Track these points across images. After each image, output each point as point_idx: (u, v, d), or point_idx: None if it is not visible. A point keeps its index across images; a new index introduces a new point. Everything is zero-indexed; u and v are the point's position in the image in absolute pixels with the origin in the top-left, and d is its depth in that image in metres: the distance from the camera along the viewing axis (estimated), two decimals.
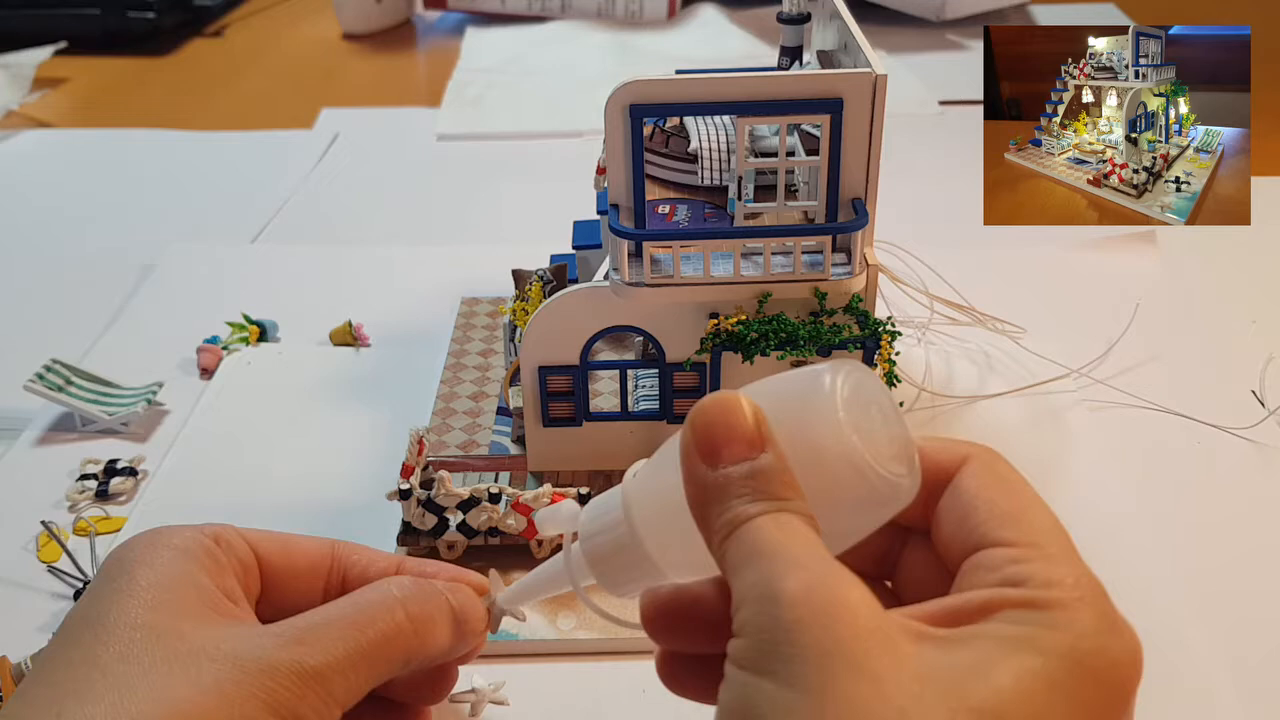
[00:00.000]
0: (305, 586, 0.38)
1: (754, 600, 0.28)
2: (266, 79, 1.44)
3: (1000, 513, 0.31)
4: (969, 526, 0.31)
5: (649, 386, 0.69)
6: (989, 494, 0.32)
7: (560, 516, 0.36)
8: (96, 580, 0.34)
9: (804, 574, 0.27)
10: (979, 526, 0.31)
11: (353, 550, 0.40)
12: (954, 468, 0.33)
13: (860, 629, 0.26)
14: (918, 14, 1.50)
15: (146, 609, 0.32)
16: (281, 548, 0.38)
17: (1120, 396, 0.76)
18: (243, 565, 0.36)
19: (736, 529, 0.29)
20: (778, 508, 0.29)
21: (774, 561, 0.28)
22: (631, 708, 0.56)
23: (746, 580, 0.28)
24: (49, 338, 0.85)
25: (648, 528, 0.33)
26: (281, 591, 0.38)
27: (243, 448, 0.74)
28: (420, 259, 0.96)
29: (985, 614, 0.28)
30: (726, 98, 0.58)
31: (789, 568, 0.27)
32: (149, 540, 0.35)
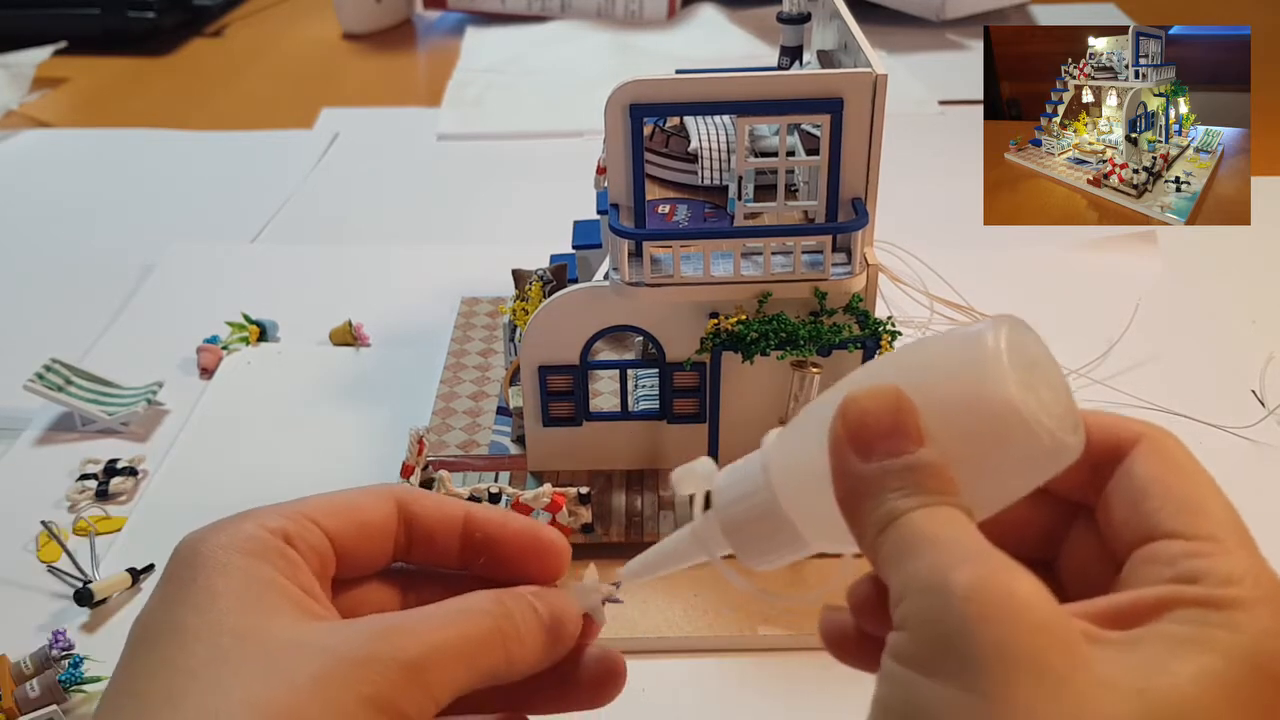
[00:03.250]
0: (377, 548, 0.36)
1: (919, 592, 0.26)
2: (266, 79, 1.44)
3: (1175, 501, 0.29)
4: (1141, 514, 0.30)
5: (649, 386, 0.69)
6: (1163, 479, 0.30)
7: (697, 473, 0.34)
8: (164, 585, 0.32)
9: (974, 565, 0.26)
10: (1152, 515, 0.29)
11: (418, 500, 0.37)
12: (1126, 446, 0.31)
13: (1039, 627, 0.25)
14: (918, 14, 1.50)
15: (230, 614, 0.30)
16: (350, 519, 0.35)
17: (1120, 396, 0.76)
18: (319, 555, 0.34)
19: (893, 522, 0.28)
20: (936, 501, 0.28)
21: (941, 551, 0.26)
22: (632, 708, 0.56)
23: (908, 571, 0.27)
24: (49, 338, 0.85)
25: (790, 495, 0.31)
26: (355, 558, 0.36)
27: (243, 448, 0.74)
28: (420, 259, 0.96)
29: (1159, 613, 0.27)
30: (726, 98, 0.58)
31: (958, 558, 0.26)
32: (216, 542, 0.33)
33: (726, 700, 0.56)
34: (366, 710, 0.29)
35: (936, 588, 0.26)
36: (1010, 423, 0.28)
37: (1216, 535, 0.29)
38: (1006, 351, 0.29)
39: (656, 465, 0.68)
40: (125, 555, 0.64)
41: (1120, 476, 0.31)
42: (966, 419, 0.29)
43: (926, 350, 0.31)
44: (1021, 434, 0.28)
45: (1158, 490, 0.30)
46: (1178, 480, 0.30)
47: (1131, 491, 0.30)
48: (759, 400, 0.65)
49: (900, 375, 0.30)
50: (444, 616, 0.33)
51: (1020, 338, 0.30)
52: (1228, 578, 0.27)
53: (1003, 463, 0.29)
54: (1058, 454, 0.29)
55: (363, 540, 0.36)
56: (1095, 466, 0.31)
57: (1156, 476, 0.30)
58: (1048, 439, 0.28)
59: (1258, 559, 0.28)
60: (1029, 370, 0.29)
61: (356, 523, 0.35)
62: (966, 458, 0.29)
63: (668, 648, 0.58)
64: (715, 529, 0.33)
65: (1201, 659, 0.26)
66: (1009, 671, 0.24)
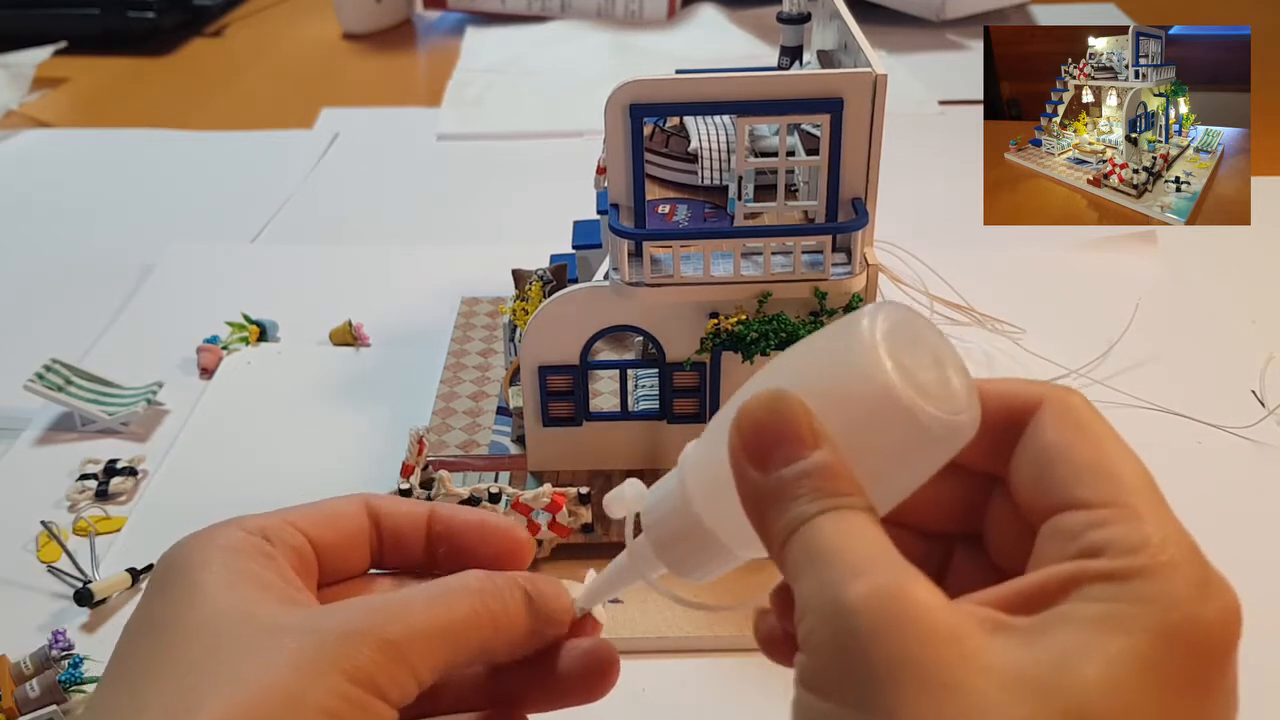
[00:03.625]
0: (355, 552, 0.37)
1: (816, 611, 0.26)
2: (266, 79, 1.44)
3: (1078, 467, 0.28)
4: (1045, 484, 0.29)
5: (649, 386, 0.69)
6: (1065, 444, 0.29)
7: (626, 498, 0.34)
8: (151, 588, 0.33)
9: (868, 578, 0.25)
10: (1055, 484, 0.28)
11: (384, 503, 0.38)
12: (1028, 412, 0.30)
13: (931, 634, 0.24)
14: (918, 14, 1.50)
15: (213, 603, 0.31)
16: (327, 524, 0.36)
17: (1120, 396, 0.76)
18: (298, 554, 0.35)
19: (794, 532, 0.27)
20: (835, 504, 0.27)
21: (835, 566, 0.26)
22: (632, 708, 0.56)
23: (808, 588, 0.26)
24: (49, 338, 0.85)
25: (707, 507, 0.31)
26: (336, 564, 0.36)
27: (243, 448, 0.74)
28: (420, 259, 0.96)
29: (1066, 592, 0.26)
30: (726, 98, 0.58)
31: (852, 573, 0.25)
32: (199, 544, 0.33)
33: (726, 700, 0.56)
34: (346, 686, 0.29)
35: (830, 607, 0.25)
36: (891, 410, 0.28)
37: (1120, 500, 0.27)
38: (882, 337, 0.28)
39: (656, 465, 0.68)
40: (125, 555, 0.65)
41: (1023, 445, 0.30)
42: (852, 412, 0.28)
43: (812, 345, 0.30)
44: (905, 421, 0.28)
45: (1059, 456, 0.29)
46: (1080, 443, 0.29)
47: (1035, 460, 0.29)
48: None
49: (793, 376, 0.30)
50: (427, 595, 0.33)
51: (899, 319, 0.29)
52: (1133, 546, 0.26)
53: (894, 452, 0.28)
54: (949, 436, 0.28)
55: (341, 544, 0.36)
56: (997, 437, 0.30)
57: (1058, 442, 0.29)
58: (932, 423, 0.28)
59: (1167, 520, 0.27)
60: (911, 352, 0.29)
61: (334, 528, 0.36)
62: (860, 451, 0.28)
63: (668, 648, 0.58)
64: (648, 549, 0.33)
65: (1110, 639, 0.25)
66: (903, 687, 0.24)
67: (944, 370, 0.29)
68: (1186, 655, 0.25)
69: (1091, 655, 0.24)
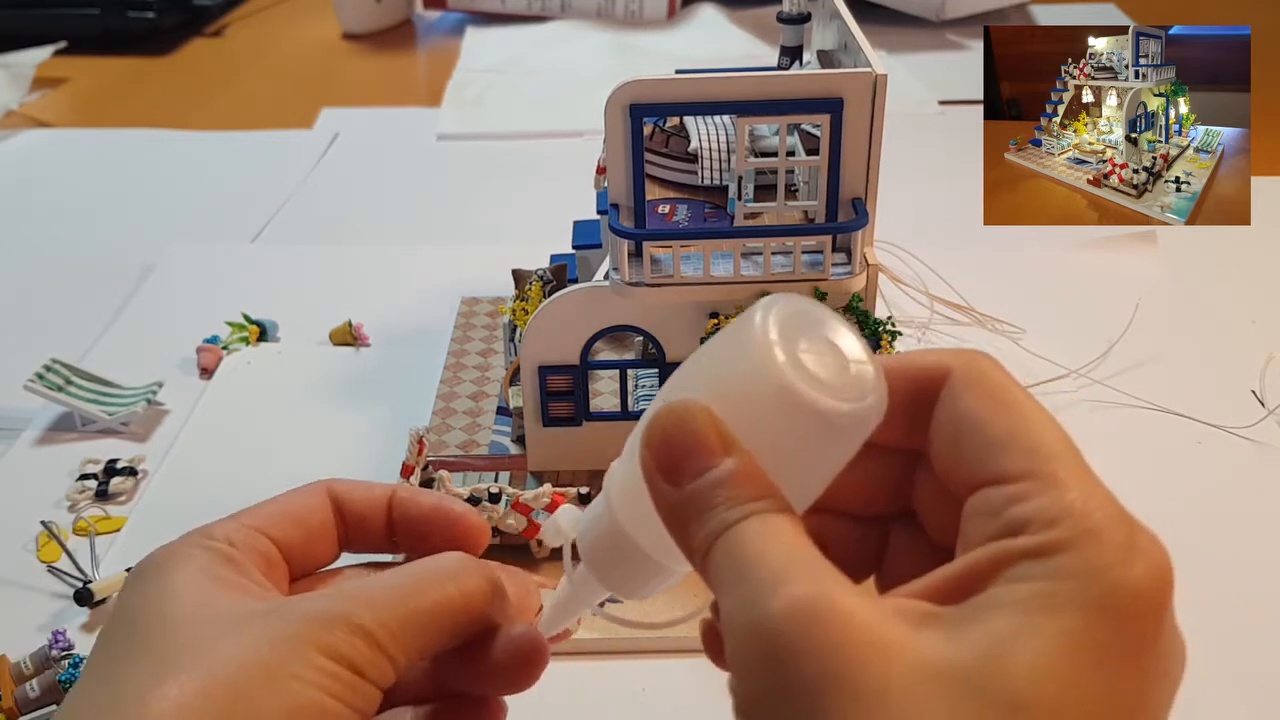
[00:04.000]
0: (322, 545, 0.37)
1: (738, 632, 0.25)
2: (266, 79, 1.44)
3: (991, 437, 0.27)
4: (962, 458, 0.28)
5: (649, 386, 0.69)
6: (977, 414, 0.28)
7: (560, 525, 0.34)
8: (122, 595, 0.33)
9: (785, 590, 0.24)
10: (972, 458, 0.27)
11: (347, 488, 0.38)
12: (938, 382, 0.29)
13: (853, 642, 0.23)
14: (918, 14, 1.50)
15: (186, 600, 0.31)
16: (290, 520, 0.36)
17: (1120, 396, 0.76)
18: (264, 558, 0.35)
19: (714, 544, 0.26)
20: (749, 511, 0.26)
21: (752, 579, 0.25)
22: (631, 708, 0.56)
23: (728, 606, 0.26)
24: (49, 338, 0.85)
25: (633, 525, 0.31)
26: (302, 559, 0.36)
27: (243, 448, 0.74)
28: (420, 259, 0.96)
29: (991, 575, 0.25)
30: (726, 98, 0.58)
31: (770, 585, 0.25)
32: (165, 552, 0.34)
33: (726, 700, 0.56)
34: (325, 661, 0.29)
35: (750, 627, 0.25)
36: (791, 406, 0.27)
37: (1038, 469, 0.26)
38: (775, 331, 0.28)
39: None
40: (125, 555, 0.65)
41: (936, 418, 0.29)
42: (754, 412, 0.28)
43: (713, 348, 0.30)
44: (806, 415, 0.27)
45: (972, 428, 0.28)
46: (992, 412, 0.28)
47: (949, 433, 0.28)
48: None
49: (696, 381, 0.29)
50: (397, 581, 0.33)
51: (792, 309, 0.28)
52: (1054, 517, 0.25)
53: (802, 447, 0.28)
54: (854, 425, 0.28)
55: (307, 539, 0.36)
56: (910, 412, 0.29)
57: (969, 412, 0.28)
58: (833, 414, 0.27)
59: (1087, 484, 0.26)
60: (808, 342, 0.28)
61: (297, 524, 0.36)
62: (768, 450, 0.28)
63: (668, 648, 0.58)
64: (588, 575, 0.33)
65: (1038, 621, 0.24)
66: (828, 700, 0.23)
67: (842, 356, 0.28)
68: (1119, 625, 0.24)
69: (1021, 641, 0.24)
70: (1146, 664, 0.25)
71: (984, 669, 0.23)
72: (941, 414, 0.29)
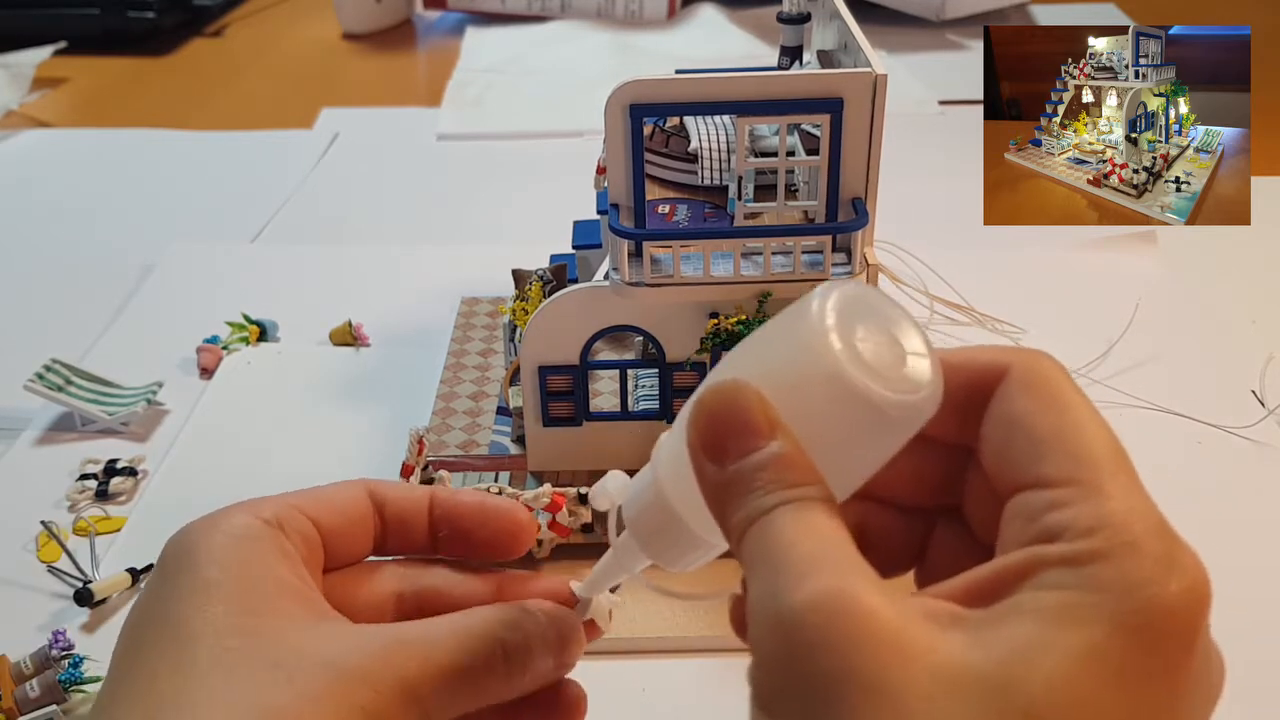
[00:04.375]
0: (361, 538, 0.36)
1: (762, 618, 0.25)
2: (266, 79, 1.44)
3: (1040, 439, 0.27)
4: (1009, 459, 0.27)
5: (649, 386, 0.69)
6: (1029, 414, 0.27)
7: (607, 490, 0.34)
8: (157, 577, 0.32)
9: (811, 582, 0.24)
10: (1018, 459, 0.27)
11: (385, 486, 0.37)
12: (993, 381, 0.29)
13: (874, 639, 0.23)
14: (918, 14, 1.50)
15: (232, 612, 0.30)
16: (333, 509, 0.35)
17: (1120, 396, 0.76)
18: (307, 544, 0.34)
19: (749, 527, 0.26)
20: (788, 498, 0.26)
21: (781, 569, 0.25)
22: (632, 708, 0.56)
23: (755, 592, 0.26)
24: (49, 338, 0.85)
25: (679, 498, 0.31)
26: (341, 548, 0.36)
27: (243, 448, 0.74)
28: (420, 259, 0.96)
29: (1022, 580, 0.25)
30: (726, 98, 0.58)
31: (797, 576, 0.25)
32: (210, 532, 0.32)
33: (726, 700, 0.56)
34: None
35: (774, 616, 0.25)
36: (844, 394, 0.27)
37: (1082, 476, 0.26)
38: (832, 317, 0.27)
39: None
40: (125, 555, 0.65)
41: (989, 416, 0.29)
42: (805, 398, 0.28)
43: (767, 332, 0.30)
44: (858, 404, 0.27)
45: (1022, 428, 0.27)
46: (1044, 413, 0.27)
47: (1000, 432, 0.28)
48: None
49: (749, 364, 0.29)
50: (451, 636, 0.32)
51: (851, 295, 0.28)
52: (1092, 526, 0.25)
53: (851, 436, 0.28)
54: (906, 417, 0.27)
55: (347, 530, 0.36)
56: (964, 409, 0.29)
57: (1022, 412, 0.28)
58: (886, 404, 0.27)
59: (1132, 495, 0.25)
60: (865, 330, 0.28)
61: (339, 513, 0.36)
62: (816, 437, 0.28)
63: (668, 648, 0.58)
64: (631, 542, 0.33)
65: (1066, 633, 0.23)
66: (845, 700, 0.23)
67: (900, 347, 0.28)
68: (1149, 643, 0.24)
69: (1046, 651, 0.23)
70: (1177, 684, 0.24)
71: (1003, 676, 0.23)
72: (994, 411, 0.29)
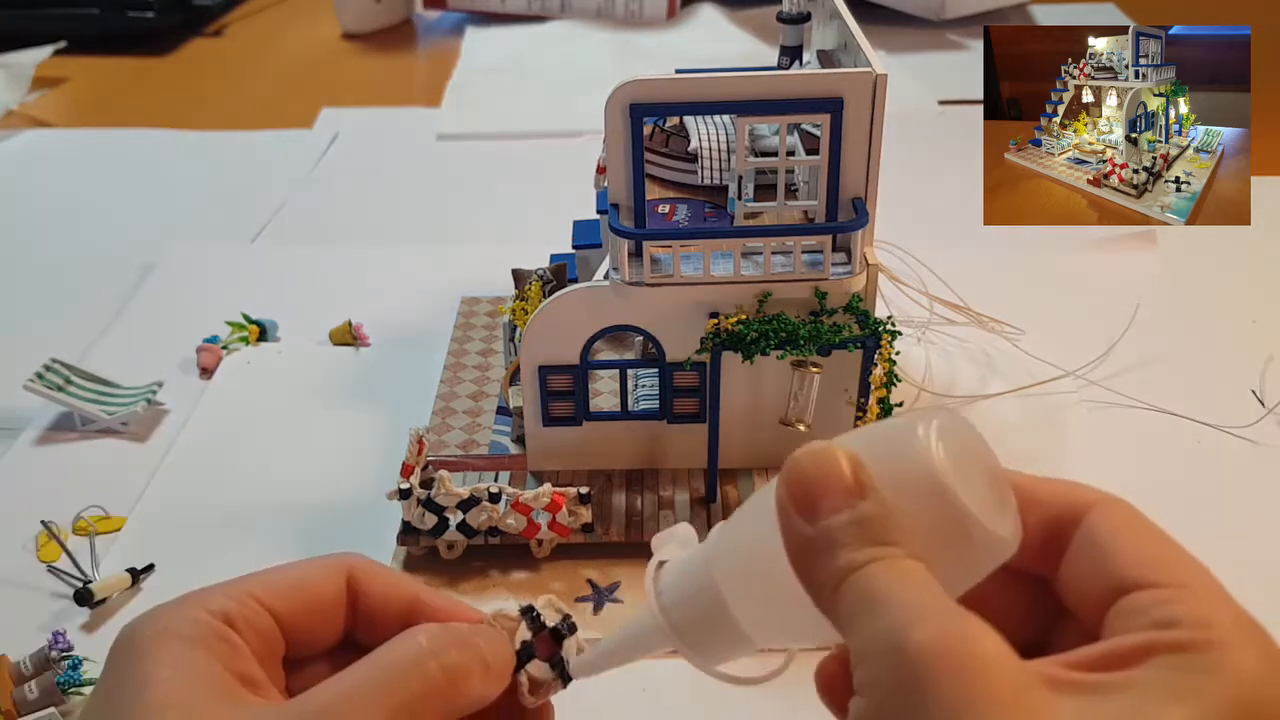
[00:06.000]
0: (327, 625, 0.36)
1: (877, 654, 0.25)
2: (266, 79, 1.44)
3: (1143, 556, 0.29)
4: (1109, 571, 0.29)
5: (649, 386, 0.69)
6: (1128, 538, 0.29)
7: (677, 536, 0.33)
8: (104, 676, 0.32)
9: (932, 624, 0.25)
10: (1120, 570, 0.29)
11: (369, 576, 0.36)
12: (1079, 512, 0.31)
13: (998, 683, 0.24)
14: (918, 14, 1.50)
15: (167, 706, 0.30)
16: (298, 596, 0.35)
17: (1120, 397, 0.76)
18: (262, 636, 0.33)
19: (847, 578, 0.27)
20: (888, 554, 0.27)
21: (897, 609, 0.25)
22: (632, 707, 0.56)
23: (866, 632, 0.26)
24: (49, 338, 0.85)
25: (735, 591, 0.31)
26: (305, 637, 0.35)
27: (243, 448, 0.74)
28: (420, 259, 0.96)
29: (1138, 659, 0.26)
30: (726, 97, 0.58)
31: (915, 617, 0.25)
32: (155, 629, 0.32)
33: (726, 700, 0.56)
34: None
35: (893, 650, 0.25)
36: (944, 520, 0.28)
37: (1188, 584, 0.28)
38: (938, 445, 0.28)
39: (656, 465, 0.68)
40: (125, 555, 0.65)
41: (1080, 540, 0.30)
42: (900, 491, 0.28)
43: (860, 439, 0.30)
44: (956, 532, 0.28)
45: (1124, 548, 0.29)
46: (1140, 538, 0.29)
47: (1094, 553, 0.30)
48: (759, 400, 0.65)
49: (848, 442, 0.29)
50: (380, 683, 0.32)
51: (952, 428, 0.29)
52: (1205, 620, 0.26)
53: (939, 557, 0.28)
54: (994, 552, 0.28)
55: (312, 619, 0.35)
56: (1047, 535, 0.31)
57: (1119, 536, 0.30)
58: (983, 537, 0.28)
59: (1234, 604, 0.28)
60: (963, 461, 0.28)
61: (305, 601, 0.35)
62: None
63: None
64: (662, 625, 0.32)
65: (1183, 706, 0.25)
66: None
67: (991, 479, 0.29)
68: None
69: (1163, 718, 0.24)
70: None
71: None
72: (1087, 534, 0.30)
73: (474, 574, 0.63)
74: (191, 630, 0.32)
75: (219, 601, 0.33)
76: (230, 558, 0.64)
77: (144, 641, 0.32)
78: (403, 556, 0.64)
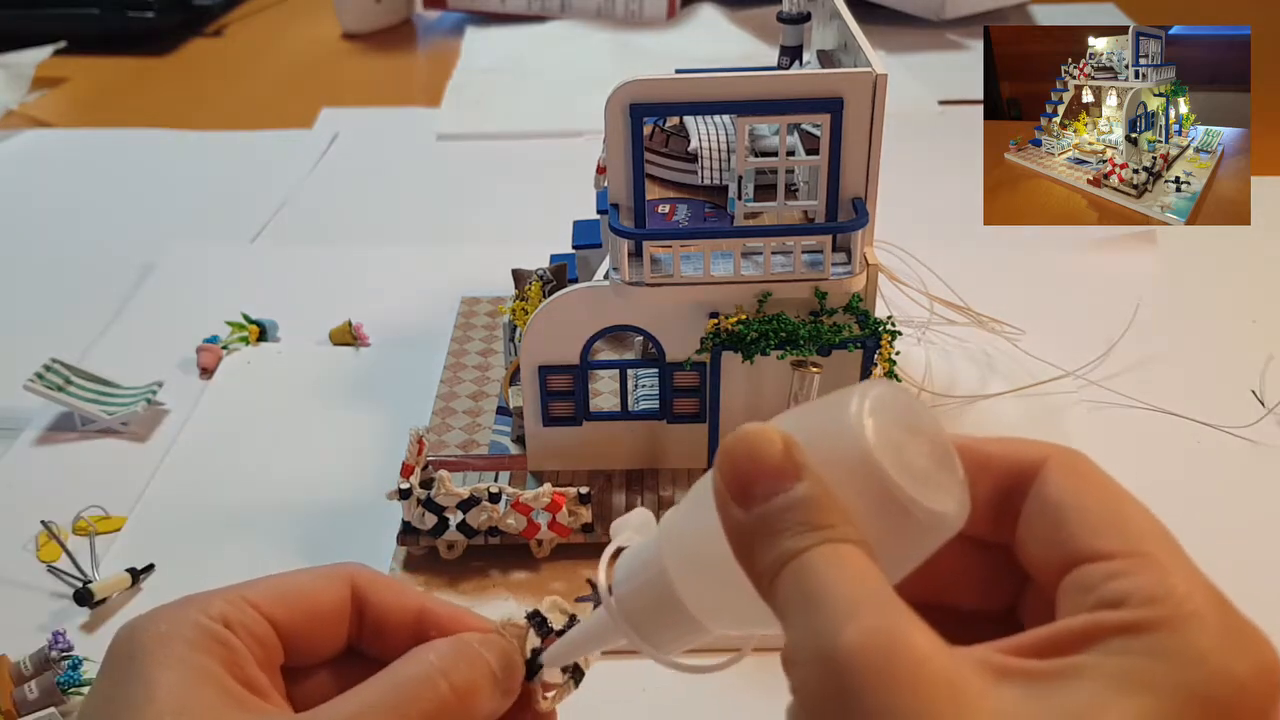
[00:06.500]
0: (329, 635, 0.35)
1: (807, 659, 0.24)
2: (266, 79, 1.44)
3: (1093, 520, 0.27)
4: (1059, 539, 0.27)
5: (649, 386, 0.69)
6: (1077, 499, 0.28)
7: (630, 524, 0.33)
8: (102, 677, 0.32)
9: (858, 623, 0.24)
10: (1069, 539, 0.27)
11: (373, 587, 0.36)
12: (1030, 472, 0.29)
13: (927, 684, 0.23)
14: (918, 14, 1.50)
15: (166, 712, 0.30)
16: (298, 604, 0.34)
17: (1119, 397, 0.76)
18: (260, 643, 0.33)
19: (783, 567, 0.26)
20: (825, 538, 0.26)
21: (824, 609, 0.24)
22: (632, 707, 0.56)
23: (796, 634, 0.25)
24: (49, 338, 0.85)
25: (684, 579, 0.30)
26: (305, 646, 0.35)
27: (243, 448, 0.74)
28: (420, 259, 0.96)
29: (1085, 644, 0.24)
30: (726, 97, 0.58)
31: (843, 616, 0.24)
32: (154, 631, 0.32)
33: (726, 700, 0.56)
34: None
35: (820, 657, 0.24)
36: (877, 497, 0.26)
37: (1139, 550, 0.26)
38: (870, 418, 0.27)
39: (656, 465, 0.68)
40: (125, 555, 0.65)
41: (1031, 504, 0.29)
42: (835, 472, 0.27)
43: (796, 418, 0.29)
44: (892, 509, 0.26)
45: (1072, 511, 0.28)
46: (1092, 497, 0.28)
47: (1045, 518, 0.28)
48: (759, 400, 0.65)
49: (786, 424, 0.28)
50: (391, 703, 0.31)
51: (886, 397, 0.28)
52: (1154, 596, 0.25)
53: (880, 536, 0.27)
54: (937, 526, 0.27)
55: (313, 628, 0.34)
56: (999, 500, 0.29)
57: (1068, 496, 0.28)
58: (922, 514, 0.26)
59: (1189, 571, 0.26)
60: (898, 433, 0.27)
61: (306, 610, 0.34)
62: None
63: None
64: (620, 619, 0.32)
65: (1129, 698, 0.23)
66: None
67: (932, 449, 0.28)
68: (1213, 715, 0.23)
69: (1104, 713, 0.23)
70: None
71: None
72: (1038, 498, 0.29)
73: (474, 574, 0.63)
74: (193, 633, 0.32)
75: (218, 606, 0.33)
76: (230, 558, 0.64)
77: (146, 643, 0.31)
78: (403, 556, 0.64)
